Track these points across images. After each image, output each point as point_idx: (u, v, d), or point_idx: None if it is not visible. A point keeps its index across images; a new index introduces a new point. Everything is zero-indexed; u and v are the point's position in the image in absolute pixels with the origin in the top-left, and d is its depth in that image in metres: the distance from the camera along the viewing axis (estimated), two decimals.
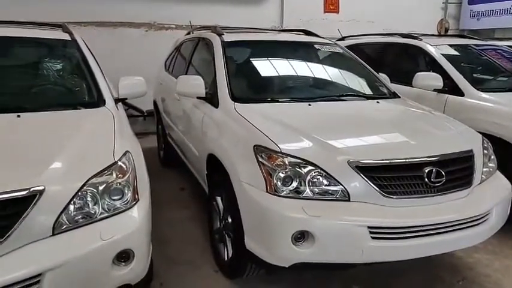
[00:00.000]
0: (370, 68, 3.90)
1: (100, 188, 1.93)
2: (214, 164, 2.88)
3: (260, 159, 2.33)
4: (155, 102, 5.50)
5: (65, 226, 1.81)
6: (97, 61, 4.36)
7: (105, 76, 4.27)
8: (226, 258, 2.80)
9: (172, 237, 3.47)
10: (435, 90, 4.26)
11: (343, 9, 9.60)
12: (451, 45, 4.97)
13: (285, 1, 8.78)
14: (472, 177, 2.50)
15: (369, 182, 2.23)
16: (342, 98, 3.21)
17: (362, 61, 3.99)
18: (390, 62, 5.35)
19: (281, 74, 3.48)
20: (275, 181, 2.25)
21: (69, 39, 3.23)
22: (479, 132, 3.70)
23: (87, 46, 3.99)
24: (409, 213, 2.23)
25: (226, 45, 3.57)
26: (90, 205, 1.89)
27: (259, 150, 2.37)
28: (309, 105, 2.96)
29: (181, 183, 4.71)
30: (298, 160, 2.27)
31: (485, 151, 2.77)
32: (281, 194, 2.23)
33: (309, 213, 2.13)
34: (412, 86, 4.24)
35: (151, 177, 4.85)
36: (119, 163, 2.07)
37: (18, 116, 2.39)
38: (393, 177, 2.26)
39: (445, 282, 2.90)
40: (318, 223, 2.12)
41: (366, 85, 3.61)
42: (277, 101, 3.06)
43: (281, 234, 2.16)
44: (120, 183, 2.01)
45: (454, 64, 4.42)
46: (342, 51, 4.00)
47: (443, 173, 2.33)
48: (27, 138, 2.16)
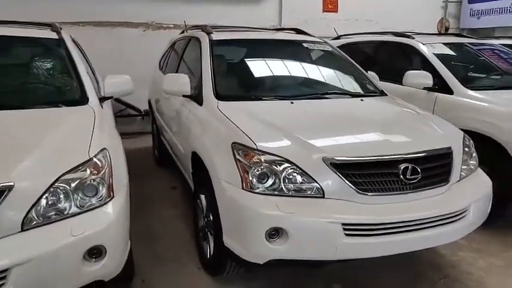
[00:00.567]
0: (358, 66, 3.91)
1: (73, 185, 1.96)
2: (197, 162, 2.90)
3: (237, 156, 2.35)
4: (149, 101, 5.55)
5: (35, 222, 1.84)
6: (87, 60, 4.43)
7: (95, 74, 4.34)
8: (208, 256, 2.83)
9: (160, 235, 3.50)
10: (425, 88, 4.26)
11: (342, 8, 9.59)
12: (445, 43, 4.96)
13: (284, 0, 8.79)
14: (450, 174, 2.50)
15: (344, 179, 2.24)
16: (326, 96, 3.23)
17: (351, 59, 4.00)
18: (383, 61, 5.35)
19: (266, 73, 3.50)
20: (250, 178, 2.27)
21: (55, 37, 3.26)
22: (467, 130, 3.73)
23: (77, 45, 4.04)
24: (384, 210, 2.24)
25: (214, 43, 3.60)
26: (62, 201, 1.92)
27: (236, 147, 2.39)
28: (291, 103, 2.98)
29: (173, 182, 4.75)
30: (274, 157, 2.29)
31: (466, 149, 2.77)
32: (256, 191, 2.25)
33: (283, 210, 2.14)
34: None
35: (145, 176, 4.90)
36: (94, 160, 2.10)
37: None
38: (368, 174, 2.27)
39: (427, 279, 2.90)
40: (291, 220, 2.14)
41: (353, 83, 3.62)
42: (260, 99, 3.08)
43: (255, 231, 2.17)
44: (94, 179, 2.03)
45: (445, 62, 4.41)
46: (331, 49, 4.01)
47: (419, 170, 2.34)
48: (1, 135, 2.19)
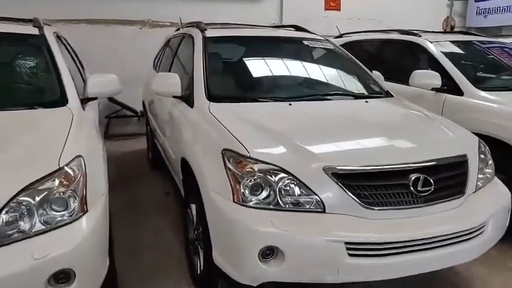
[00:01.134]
0: (362, 66, 3.66)
1: (38, 198, 1.71)
2: (187, 169, 2.66)
3: (228, 164, 2.10)
4: (143, 102, 5.32)
5: None
6: (75, 58, 4.18)
7: (83, 74, 4.10)
8: (199, 271, 2.58)
9: (150, 246, 3.26)
10: (433, 89, 4.00)
11: (344, 6, 9.34)
12: (453, 42, 4.71)
13: None
14: (466, 185, 2.25)
15: (347, 191, 1.99)
16: (327, 97, 2.97)
17: (354, 58, 3.74)
18: (388, 60, 5.10)
19: (263, 72, 3.25)
20: (242, 190, 2.02)
21: (37, 33, 3.02)
22: (478, 134, 3.47)
23: (64, 42, 3.80)
24: (392, 226, 1.99)
25: (207, 41, 3.35)
26: (24, 218, 1.67)
27: (227, 154, 2.14)
28: (290, 104, 2.72)
29: (166, 187, 4.51)
30: (268, 166, 2.04)
31: (482, 156, 2.51)
32: (249, 204, 2.01)
33: (278, 226, 1.90)
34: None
35: (138, 180, 4.65)
36: (65, 169, 1.85)
37: None
38: (374, 185, 2.02)
39: None
40: (288, 238, 1.89)
41: (356, 83, 3.37)
42: (256, 101, 2.83)
43: (247, 249, 1.93)
44: (64, 192, 1.79)
45: (454, 62, 4.15)
46: (333, 47, 3.76)
47: (431, 181, 2.08)
48: None
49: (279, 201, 2.00)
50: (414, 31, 4.91)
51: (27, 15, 3.48)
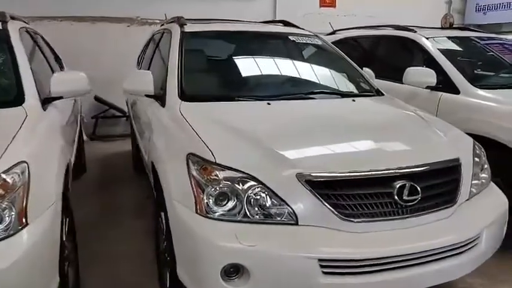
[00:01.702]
0: (352, 63, 3.43)
1: None
2: (156, 174, 2.44)
3: (192, 171, 1.89)
4: (127, 102, 5.11)
5: None
6: (47, 56, 3.95)
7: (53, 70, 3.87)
8: (168, 285, 2.36)
9: (124, 254, 3.05)
10: (428, 87, 3.78)
11: (340, 3, 9.14)
12: (450, 38, 4.49)
13: None
14: (458, 192, 2.03)
15: (323, 201, 1.77)
16: (311, 96, 2.75)
17: (344, 54, 3.52)
18: (382, 57, 4.88)
19: (243, 69, 3.03)
20: (206, 199, 1.80)
21: None
22: (475, 135, 3.25)
23: (34, 38, 3.58)
24: (373, 240, 1.76)
25: (185, 36, 3.14)
26: None
27: (192, 159, 1.93)
28: (268, 104, 2.50)
29: (148, 190, 4.29)
30: (236, 174, 1.82)
31: (476, 159, 2.29)
32: (212, 216, 1.79)
33: (243, 241, 1.68)
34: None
35: (120, 183, 4.45)
36: (2, 176, 1.64)
37: None
38: (353, 194, 1.80)
39: None
40: (253, 254, 1.67)
41: (344, 81, 3.15)
42: (233, 100, 2.61)
43: (208, 267, 1.71)
44: None
45: (451, 58, 3.93)
46: (322, 43, 3.53)
47: (418, 189, 1.86)
48: None
49: (247, 212, 1.79)
50: (409, 26, 4.69)
51: (10, 12, 3.29)
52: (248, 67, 3.02)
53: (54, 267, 1.79)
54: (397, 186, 1.83)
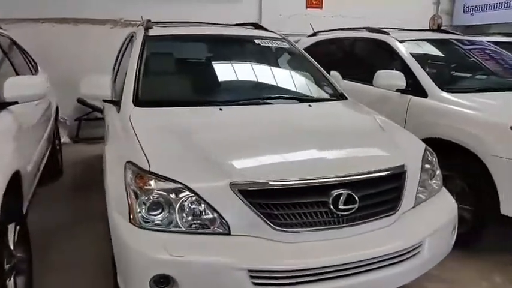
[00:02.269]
0: (318, 66, 3.41)
1: None
2: None
3: (128, 179, 1.87)
4: (103, 106, 5.07)
5: None
6: (12, 59, 3.91)
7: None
8: None
9: (83, 263, 2.97)
10: (398, 90, 3.75)
11: (327, 4, 9.10)
12: (425, 40, 4.47)
13: None
14: (400, 200, 2.00)
15: (255, 211, 1.75)
16: (268, 101, 2.72)
17: (310, 58, 3.50)
18: (356, 59, 4.87)
19: (200, 73, 3.01)
20: (139, 209, 1.78)
21: None
22: (441, 139, 3.23)
23: None
24: (307, 250, 1.74)
25: (148, 40, 3.12)
26: None
27: (129, 168, 1.90)
28: (220, 110, 2.48)
29: None
30: (169, 183, 1.80)
31: (427, 165, 2.27)
32: (145, 226, 1.77)
33: (172, 251, 1.66)
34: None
35: (97, 186, 4.40)
36: None
37: None
38: (287, 204, 1.78)
39: None
40: (182, 265, 1.65)
41: (306, 85, 3.13)
42: (187, 105, 2.58)
43: (139, 276, 1.70)
44: None
45: (422, 61, 3.91)
46: (288, 46, 3.51)
47: (356, 198, 1.84)
48: None
49: (179, 222, 1.77)
50: (383, 29, 4.67)
51: None
52: (207, 71, 3.00)
53: None
54: (333, 195, 1.81)
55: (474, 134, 3.05)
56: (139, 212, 1.77)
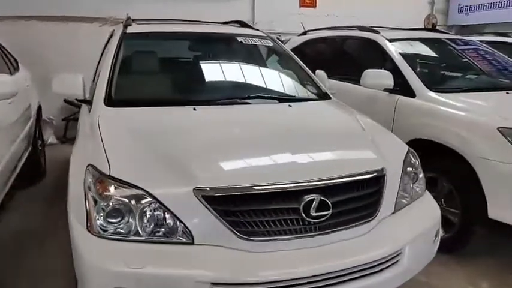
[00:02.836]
0: (302, 65, 3.30)
1: None
2: None
3: (87, 183, 1.75)
4: None
5: None
6: None
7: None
8: None
9: (52, 270, 2.85)
10: (386, 90, 3.65)
11: (321, 3, 9.01)
12: (416, 39, 4.38)
13: None
14: (379, 206, 1.89)
15: (220, 218, 1.63)
16: (246, 101, 2.61)
17: (295, 57, 3.39)
18: (346, 58, 4.76)
19: (178, 72, 2.91)
20: (97, 216, 1.67)
21: None
22: (428, 141, 3.13)
23: None
24: (275, 261, 1.63)
25: (125, 37, 3.01)
26: None
27: (90, 171, 1.79)
28: (194, 110, 2.37)
29: None
30: (130, 189, 1.68)
31: (409, 169, 2.16)
32: (104, 235, 1.66)
33: (129, 263, 1.55)
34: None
35: None
36: None
37: None
38: (255, 210, 1.67)
39: None
40: (141, 277, 1.54)
41: (289, 85, 3.02)
42: (161, 104, 2.47)
43: None
44: None
45: (411, 60, 3.82)
46: (272, 44, 3.40)
47: (329, 204, 1.73)
48: None
49: (140, 231, 1.65)
50: (374, 27, 4.56)
51: None
52: (184, 70, 2.90)
53: None
54: (305, 201, 1.70)
55: (461, 135, 2.95)
56: (97, 220, 1.66)
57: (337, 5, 8.82)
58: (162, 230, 1.66)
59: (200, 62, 3.01)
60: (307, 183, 1.73)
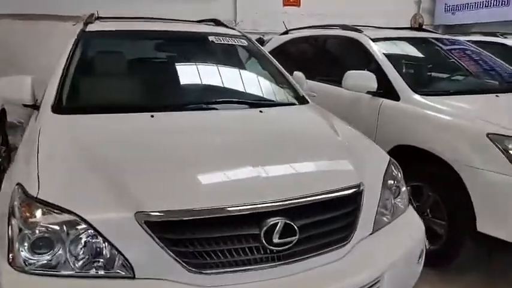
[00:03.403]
0: (279, 66, 3.06)
1: None
2: None
3: (12, 207, 1.48)
4: None
5: None
6: None
7: None
8: None
9: None
10: (369, 92, 3.43)
11: (305, 2, 8.82)
12: (401, 39, 4.17)
13: None
14: (354, 227, 1.66)
15: (165, 248, 1.38)
16: (212, 106, 2.36)
17: (271, 58, 3.15)
18: (329, 59, 4.54)
19: (138, 74, 2.63)
20: (20, 247, 1.40)
21: None
22: (412, 147, 2.93)
23: None
24: None
25: (83, 36, 2.75)
26: None
27: (17, 192, 1.52)
28: (152, 117, 2.11)
29: None
30: (60, 214, 1.42)
31: (390, 182, 1.93)
32: (28, 269, 1.39)
33: None
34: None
35: None
36: None
37: None
38: (207, 239, 1.42)
39: None
40: None
41: (263, 88, 2.77)
42: (116, 111, 2.20)
43: None
44: None
45: (396, 61, 3.60)
46: (247, 44, 3.15)
47: (296, 228, 1.49)
48: None
49: (71, 264, 1.40)
50: (357, 26, 4.34)
51: None
52: (145, 72, 2.63)
53: None
54: (267, 225, 1.46)
55: (448, 142, 2.75)
56: (20, 251, 1.40)
57: (321, 4, 8.64)
58: (98, 263, 1.40)
59: (164, 63, 2.75)
60: (269, 204, 1.48)
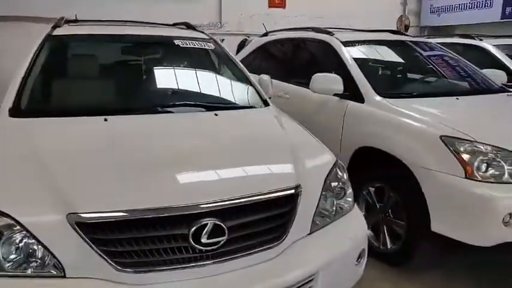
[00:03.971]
0: (243, 70, 3.11)
1: None
2: None
3: None
4: None
5: None
6: None
7: None
8: None
9: None
10: (336, 95, 3.49)
11: (290, 4, 8.89)
12: (373, 41, 4.22)
13: None
14: (288, 228, 1.71)
15: (94, 248, 1.44)
16: (168, 110, 2.41)
17: (236, 61, 3.20)
18: (301, 61, 4.59)
19: (95, 78, 2.68)
20: None
21: None
22: (375, 149, 2.98)
23: None
24: None
25: (48, 39, 2.81)
26: None
27: None
28: (105, 120, 2.16)
29: None
30: None
31: (334, 184, 1.99)
32: None
33: None
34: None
35: None
36: None
37: None
38: (135, 238, 1.47)
39: None
40: None
41: (223, 91, 2.82)
42: (69, 114, 2.25)
43: None
44: None
45: (364, 63, 3.66)
46: (213, 48, 3.20)
47: (225, 229, 1.54)
48: None
49: (4, 264, 1.45)
50: (329, 29, 4.39)
51: None
52: (106, 76, 2.69)
53: None
54: (196, 226, 1.51)
55: (405, 144, 2.81)
56: None
57: (307, 6, 8.71)
58: (29, 263, 1.45)
59: (125, 67, 2.80)
60: (200, 205, 1.54)
